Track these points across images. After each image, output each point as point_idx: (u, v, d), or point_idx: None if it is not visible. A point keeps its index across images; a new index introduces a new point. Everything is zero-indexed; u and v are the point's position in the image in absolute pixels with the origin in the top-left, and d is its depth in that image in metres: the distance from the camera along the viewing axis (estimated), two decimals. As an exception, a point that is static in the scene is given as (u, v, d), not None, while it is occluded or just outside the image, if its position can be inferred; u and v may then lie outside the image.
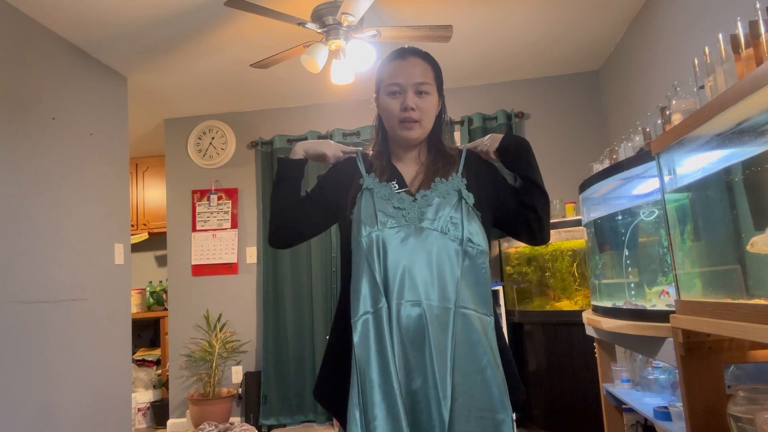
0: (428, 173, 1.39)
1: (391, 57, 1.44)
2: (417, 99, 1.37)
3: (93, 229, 3.18)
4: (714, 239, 1.50)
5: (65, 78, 3.07)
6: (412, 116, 1.36)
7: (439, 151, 1.44)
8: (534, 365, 3.45)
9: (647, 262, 2.16)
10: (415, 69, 1.38)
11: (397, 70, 1.39)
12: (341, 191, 1.42)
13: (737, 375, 1.63)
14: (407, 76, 1.37)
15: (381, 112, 1.44)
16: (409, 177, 1.40)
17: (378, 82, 1.45)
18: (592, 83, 4.11)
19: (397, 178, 1.38)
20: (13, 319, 2.54)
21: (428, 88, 1.38)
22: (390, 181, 1.37)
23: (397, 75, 1.38)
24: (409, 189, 1.37)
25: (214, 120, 4.50)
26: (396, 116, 1.38)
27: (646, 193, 2.11)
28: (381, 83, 1.43)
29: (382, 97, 1.41)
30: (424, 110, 1.37)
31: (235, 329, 4.23)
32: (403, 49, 1.44)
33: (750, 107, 1.15)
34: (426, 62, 1.41)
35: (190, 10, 2.88)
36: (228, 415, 3.99)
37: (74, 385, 2.91)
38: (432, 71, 1.41)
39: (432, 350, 1.20)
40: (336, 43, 2.72)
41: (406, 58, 1.40)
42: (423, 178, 1.38)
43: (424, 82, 1.37)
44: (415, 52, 1.42)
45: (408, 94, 1.37)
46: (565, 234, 3.32)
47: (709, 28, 2.39)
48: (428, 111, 1.39)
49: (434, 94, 1.40)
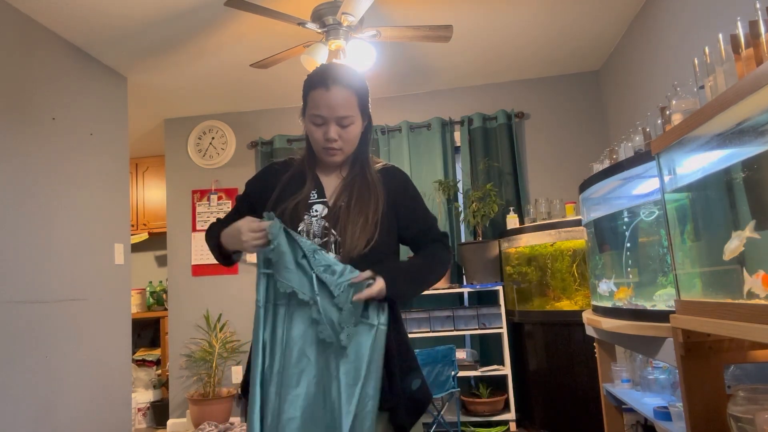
0: (345, 189, 1.47)
1: (315, 81, 1.42)
2: (339, 130, 1.42)
3: (93, 229, 3.18)
4: (714, 239, 1.50)
5: (65, 78, 3.07)
6: (333, 146, 1.44)
7: (362, 170, 1.50)
8: (534, 365, 3.45)
9: (647, 262, 2.16)
10: (338, 101, 1.40)
11: (320, 101, 1.40)
12: (268, 196, 1.51)
13: (737, 375, 1.63)
14: (329, 109, 1.40)
15: (307, 134, 1.50)
16: (330, 189, 1.49)
17: (303, 102, 1.48)
18: (592, 83, 4.11)
19: (318, 189, 1.48)
20: (13, 319, 2.54)
21: (351, 119, 1.42)
22: (311, 191, 1.47)
23: (320, 107, 1.41)
24: (327, 201, 1.46)
25: (214, 120, 4.50)
26: (320, 143, 1.45)
27: (646, 193, 2.11)
28: (306, 107, 1.46)
29: (307, 123, 1.46)
30: (346, 140, 1.44)
31: (235, 329, 4.23)
32: (327, 75, 1.41)
33: (750, 107, 1.15)
34: (349, 91, 1.41)
35: (190, 10, 2.88)
36: (228, 415, 3.99)
37: (74, 385, 2.91)
38: (355, 98, 1.42)
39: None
40: (336, 43, 2.72)
41: (330, 89, 1.39)
42: (339, 193, 1.47)
43: (347, 116, 1.41)
44: (337, 80, 1.40)
45: (330, 125, 1.42)
46: (565, 234, 3.32)
47: (709, 28, 2.39)
48: (350, 139, 1.45)
49: (357, 120, 1.44)
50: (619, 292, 2.31)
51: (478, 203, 3.74)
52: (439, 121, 4.14)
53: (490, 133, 4.10)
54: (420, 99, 4.29)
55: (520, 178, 4.00)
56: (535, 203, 3.69)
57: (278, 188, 1.50)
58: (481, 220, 3.73)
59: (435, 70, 3.92)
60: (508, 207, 3.87)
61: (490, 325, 3.59)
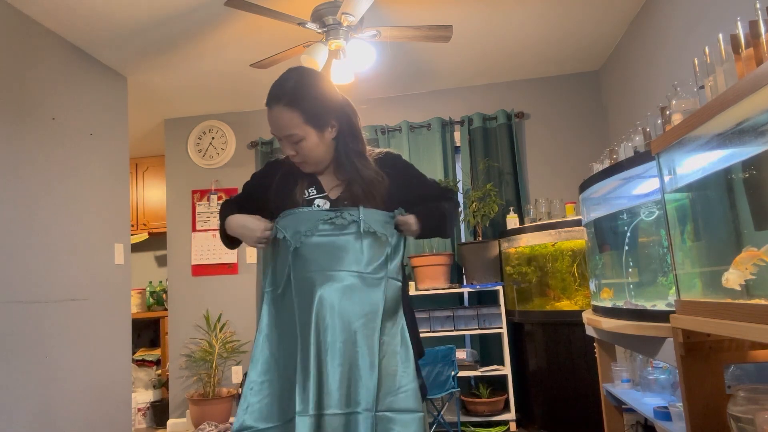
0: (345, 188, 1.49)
1: (267, 98, 1.44)
2: (293, 146, 1.44)
3: (93, 229, 3.18)
4: (714, 239, 1.50)
5: (65, 78, 3.07)
6: (295, 160, 1.46)
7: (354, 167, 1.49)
8: (534, 365, 3.45)
9: (647, 262, 2.16)
10: (280, 121, 1.41)
11: (269, 120, 1.44)
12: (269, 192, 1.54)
13: (737, 375, 1.63)
14: (276, 128, 1.43)
15: None
16: (328, 185, 1.51)
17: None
18: (592, 83, 4.10)
19: (316, 186, 1.50)
20: (13, 319, 2.54)
21: (297, 136, 1.41)
22: (309, 188, 1.49)
23: (270, 125, 1.44)
24: (328, 194, 1.48)
25: (214, 120, 4.50)
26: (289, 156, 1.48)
27: (646, 193, 2.10)
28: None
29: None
30: (303, 154, 1.45)
31: (235, 329, 4.23)
32: (271, 94, 1.43)
33: (750, 107, 1.15)
34: (289, 109, 1.40)
35: (190, 10, 2.88)
36: (228, 415, 3.99)
37: (74, 385, 2.91)
38: (297, 114, 1.40)
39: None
40: (336, 43, 2.72)
41: (271, 108, 1.41)
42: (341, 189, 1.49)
43: (291, 134, 1.41)
44: (277, 99, 1.40)
45: (283, 143, 1.45)
46: (565, 234, 3.32)
47: (709, 28, 2.39)
48: (309, 151, 1.44)
49: (309, 134, 1.42)
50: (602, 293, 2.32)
51: (478, 203, 3.74)
52: (439, 121, 4.14)
53: (490, 133, 4.10)
54: (420, 99, 4.29)
55: (520, 178, 4.00)
56: (535, 203, 3.69)
57: (273, 189, 1.51)
58: (481, 220, 3.73)
59: (435, 70, 3.92)
60: (508, 207, 3.87)
61: (490, 325, 3.59)
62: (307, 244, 1.39)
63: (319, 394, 1.30)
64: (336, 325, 1.33)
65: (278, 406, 1.35)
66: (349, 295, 1.36)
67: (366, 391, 1.31)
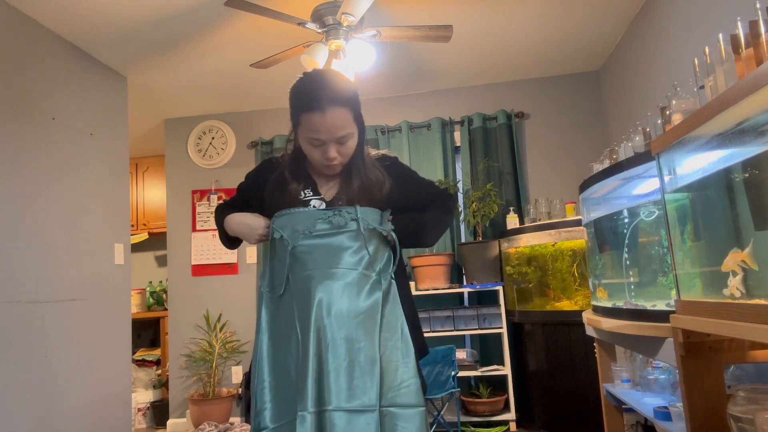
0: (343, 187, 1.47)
1: (307, 103, 1.36)
2: (339, 147, 1.41)
3: (93, 229, 3.18)
4: (714, 239, 1.50)
5: (65, 78, 3.07)
6: (334, 163, 1.43)
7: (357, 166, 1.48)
8: (534, 365, 3.45)
9: (647, 262, 2.16)
10: (337, 122, 1.36)
11: (318, 126, 1.36)
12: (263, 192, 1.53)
13: (737, 375, 1.63)
14: (329, 132, 1.36)
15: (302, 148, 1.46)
16: (323, 186, 1.49)
17: (294, 121, 1.43)
18: (592, 83, 4.10)
19: (312, 187, 1.48)
20: (13, 319, 2.54)
21: (350, 134, 1.40)
22: (305, 189, 1.46)
23: (318, 131, 1.36)
24: (323, 196, 1.46)
25: (214, 120, 4.50)
26: (319, 162, 1.44)
27: (646, 193, 2.10)
28: (300, 127, 1.41)
29: (303, 141, 1.43)
30: (345, 154, 1.43)
31: (235, 329, 4.23)
32: (320, 96, 1.34)
33: (750, 107, 1.14)
34: (345, 108, 1.37)
35: (190, 10, 2.88)
36: (228, 415, 3.99)
37: (74, 385, 2.91)
38: (351, 112, 1.39)
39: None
40: (336, 43, 2.72)
41: (325, 111, 1.34)
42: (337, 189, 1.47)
43: (346, 135, 1.39)
44: (333, 101, 1.35)
45: (330, 146, 1.39)
46: (565, 234, 3.32)
47: (709, 28, 2.39)
48: (350, 150, 1.43)
49: (355, 132, 1.42)
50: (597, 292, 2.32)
51: (478, 203, 3.74)
52: (439, 121, 4.14)
53: (490, 133, 4.10)
54: (420, 99, 4.29)
55: (520, 178, 4.00)
56: (535, 203, 3.69)
57: (268, 189, 1.50)
58: (481, 220, 3.73)
59: (435, 70, 3.92)
60: (508, 207, 3.87)
61: (490, 325, 3.59)
62: (305, 243, 1.39)
63: (320, 390, 1.30)
64: (336, 323, 1.34)
65: (285, 405, 1.36)
66: (349, 292, 1.36)
67: (368, 387, 1.31)
